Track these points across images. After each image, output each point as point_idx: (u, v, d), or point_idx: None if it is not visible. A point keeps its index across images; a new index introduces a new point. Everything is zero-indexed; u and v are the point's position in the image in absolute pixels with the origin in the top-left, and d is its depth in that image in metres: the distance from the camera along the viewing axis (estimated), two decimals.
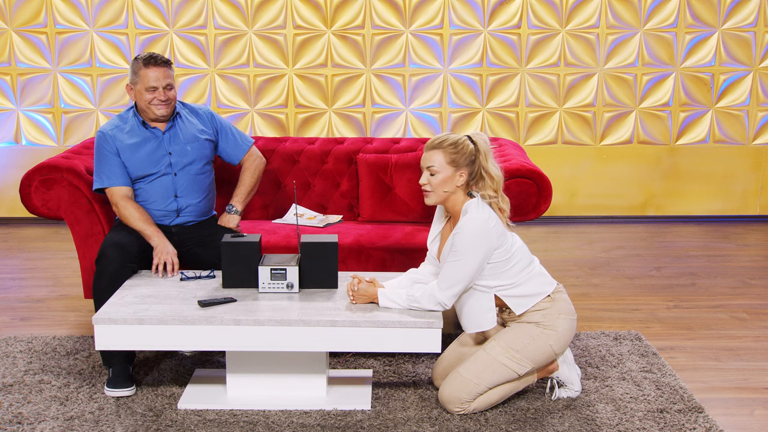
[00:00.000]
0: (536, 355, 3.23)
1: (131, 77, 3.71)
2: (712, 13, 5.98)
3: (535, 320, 3.24)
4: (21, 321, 4.29)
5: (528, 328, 3.24)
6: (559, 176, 6.02)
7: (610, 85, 6.06)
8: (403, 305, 3.19)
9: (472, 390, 3.19)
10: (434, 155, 3.19)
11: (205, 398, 3.33)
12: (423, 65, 6.00)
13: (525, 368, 3.22)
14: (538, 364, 3.25)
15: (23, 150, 6.05)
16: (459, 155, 3.16)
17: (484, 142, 3.22)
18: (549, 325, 3.23)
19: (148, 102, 3.68)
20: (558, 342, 3.25)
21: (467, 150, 3.17)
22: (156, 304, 3.24)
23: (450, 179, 3.18)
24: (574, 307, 3.33)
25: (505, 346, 3.22)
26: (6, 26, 5.91)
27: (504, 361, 3.21)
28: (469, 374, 3.21)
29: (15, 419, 3.19)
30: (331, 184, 4.46)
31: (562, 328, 3.24)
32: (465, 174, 3.18)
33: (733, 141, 6.18)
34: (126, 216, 3.66)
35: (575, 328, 3.31)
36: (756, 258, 5.41)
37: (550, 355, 3.25)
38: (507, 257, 3.19)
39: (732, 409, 3.36)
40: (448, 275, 3.14)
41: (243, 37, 5.94)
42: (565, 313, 3.26)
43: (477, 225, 3.12)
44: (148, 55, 3.68)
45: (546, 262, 5.23)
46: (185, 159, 3.76)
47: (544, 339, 3.23)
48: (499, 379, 3.21)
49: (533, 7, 5.94)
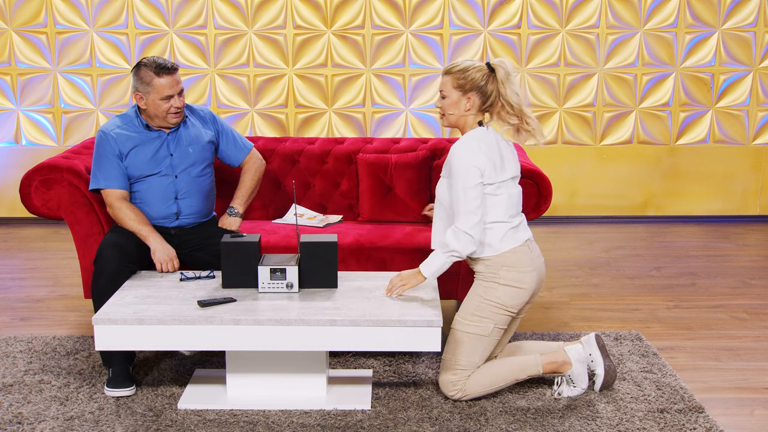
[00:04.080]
0: (490, 312, 3.24)
1: (139, 86, 3.63)
2: (712, 13, 5.98)
3: (480, 270, 3.26)
4: (21, 321, 4.29)
5: (476, 288, 3.28)
6: (559, 176, 6.02)
7: (610, 85, 6.06)
8: (442, 259, 3.21)
9: (454, 368, 3.26)
10: (444, 79, 3.28)
11: (205, 398, 3.33)
12: (423, 65, 6.00)
13: (487, 327, 3.24)
14: (498, 320, 3.25)
15: (23, 150, 6.05)
16: (466, 81, 3.22)
17: (504, 69, 3.23)
18: (490, 277, 3.24)
19: (165, 111, 3.64)
20: (506, 295, 3.23)
21: (475, 76, 3.22)
22: (156, 304, 3.23)
23: (457, 103, 3.25)
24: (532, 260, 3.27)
25: (462, 314, 3.28)
26: (6, 26, 5.91)
27: (465, 329, 3.25)
28: (446, 354, 3.30)
29: (15, 419, 3.19)
30: (331, 184, 4.46)
31: (506, 280, 3.22)
32: (474, 98, 3.23)
33: (733, 141, 6.18)
34: (121, 217, 3.65)
35: (531, 281, 3.25)
36: (756, 258, 5.41)
37: (503, 309, 3.24)
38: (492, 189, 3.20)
39: (732, 409, 3.36)
40: (457, 206, 3.18)
41: (243, 37, 5.94)
42: (510, 265, 3.23)
43: (461, 146, 3.20)
44: (155, 62, 3.61)
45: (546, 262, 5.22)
46: (186, 161, 3.75)
47: (491, 293, 3.24)
48: (471, 349, 3.25)
49: (533, 7, 5.94)
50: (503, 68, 3.23)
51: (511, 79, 3.23)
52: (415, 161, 4.30)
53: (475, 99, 3.24)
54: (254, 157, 3.97)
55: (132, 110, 3.76)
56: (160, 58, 3.65)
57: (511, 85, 3.23)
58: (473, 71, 3.23)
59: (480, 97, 3.24)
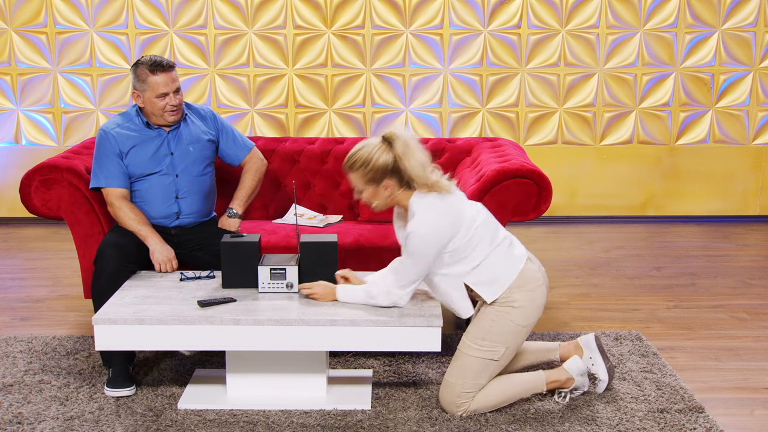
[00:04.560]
0: (503, 336, 3.13)
1: (137, 84, 3.66)
2: (712, 13, 5.98)
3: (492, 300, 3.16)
4: (21, 321, 4.29)
5: (487, 311, 3.15)
6: (559, 176, 6.02)
7: (610, 85, 6.06)
8: (362, 299, 3.18)
9: (459, 391, 3.17)
10: (351, 176, 3.12)
11: (205, 398, 3.33)
12: (423, 65, 6.00)
13: (498, 352, 3.14)
14: (510, 343, 3.15)
15: (23, 150, 6.05)
16: (373, 172, 3.06)
17: (402, 141, 3.05)
18: (505, 301, 3.13)
19: (161, 109, 3.65)
20: (521, 316, 3.13)
21: (379, 165, 3.04)
22: (156, 304, 3.24)
23: (376, 194, 3.12)
24: (539, 274, 3.20)
25: (471, 338, 3.16)
26: (6, 26, 5.90)
27: (474, 353, 3.15)
28: (451, 377, 3.19)
29: (15, 419, 3.19)
30: (331, 184, 4.47)
31: (520, 302, 3.13)
32: (391, 182, 3.08)
33: (733, 141, 6.18)
34: (121, 217, 3.65)
35: (541, 295, 3.18)
36: (756, 258, 5.41)
37: (518, 331, 3.15)
38: (468, 239, 3.09)
39: (732, 409, 3.36)
40: (402, 274, 3.11)
41: (243, 37, 5.94)
42: (521, 285, 3.14)
43: (426, 229, 3.04)
44: (151, 60, 3.63)
45: (546, 262, 5.23)
46: (187, 160, 3.76)
47: (504, 316, 3.13)
48: (479, 373, 3.16)
49: (533, 7, 5.94)
50: (401, 140, 3.05)
51: (410, 149, 3.04)
52: None
53: (392, 182, 3.08)
54: (255, 156, 3.96)
55: (133, 109, 3.76)
56: (157, 56, 3.65)
57: (412, 156, 3.04)
58: (375, 160, 3.04)
59: (396, 178, 3.07)
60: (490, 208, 3.72)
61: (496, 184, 3.77)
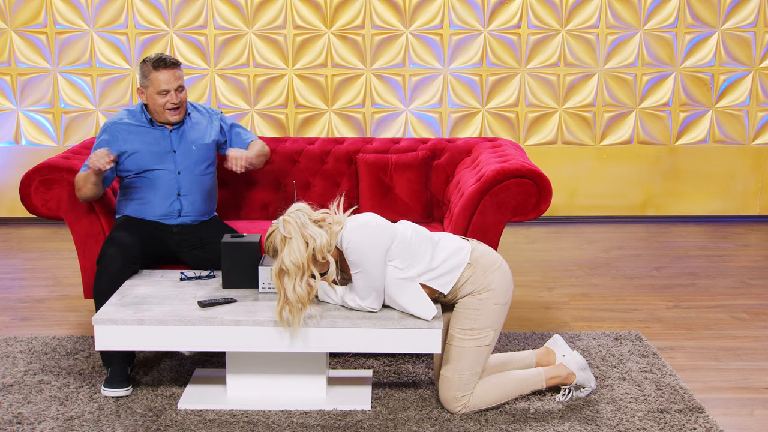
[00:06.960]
0: (490, 320, 3.18)
1: (141, 81, 3.71)
2: (712, 13, 5.98)
3: (468, 291, 3.18)
4: (21, 321, 4.29)
5: (466, 303, 3.19)
6: (559, 176, 6.02)
7: (610, 85, 6.06)
8: (336, 302, 3.21)
9: (458, 384, 3.19)
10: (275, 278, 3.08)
11: (205, 398, 3.33)
12: (423, 65, 6.00)
13: (488, 336, 3.18)
14: (497, 325, 3.20)
15: (23, 150, 6.05)
16: (294, 268, 3.03)
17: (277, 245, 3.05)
18: (482, 287, 3.17)
19: (162, 106, 3.68)
20: (500, 294, 3.19)
21: (297, 263, 3.02)
22: (156, 304, 3.24)
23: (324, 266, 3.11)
24: (494, 252, 3.26)
25: (460, 330, 3.19)
26: (6, 26, 5.90)
27: (466, 344, 3.18)
28: (448, 372, 3.21)
29: (15, 419, 3.19)
30: (331, 184, 4.46)
31: (495, 283, 3.18)
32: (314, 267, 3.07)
33: (733, 141, 6.18)
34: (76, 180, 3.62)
35: (507, 269, 3.24)
36: (756, 258, 5.41)
37: (501, 311, 3.20)
38: (407, 242, 3.13)
39: (732, 409, 3.36)
40: (359, 288, 3.13)
41: (243, 37, 5.94)
42: (489, 267, 3.19)
43: (359, 237, 3.07)
44: (157, 57, 3.67)
45: (546, 262, 5.24)
46: (189, 158, 3.77)
47: (486, 302, 3.17)
48: (474, 362, 3.18)
49: (533, 7, 5.94)
50: (280, 245, 3.04)
51: (307, 228, 3.06)
52: (415, 161, 4.30)
53: (314, 267, 3.07)
54: (260, 141, 4.02)
55: (139, 105, 3.80)
56: (164, 54, 3.69)
57: (294, 247, 3.03)
58: (289, 265, 3.02)
59: (314, 263, 3.07)
60: (490, 208, 3.74)
61: (496, 184, 3.77)
